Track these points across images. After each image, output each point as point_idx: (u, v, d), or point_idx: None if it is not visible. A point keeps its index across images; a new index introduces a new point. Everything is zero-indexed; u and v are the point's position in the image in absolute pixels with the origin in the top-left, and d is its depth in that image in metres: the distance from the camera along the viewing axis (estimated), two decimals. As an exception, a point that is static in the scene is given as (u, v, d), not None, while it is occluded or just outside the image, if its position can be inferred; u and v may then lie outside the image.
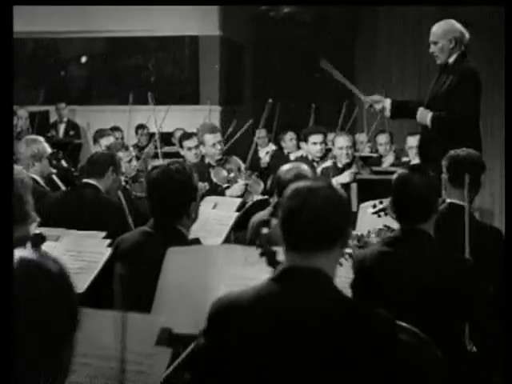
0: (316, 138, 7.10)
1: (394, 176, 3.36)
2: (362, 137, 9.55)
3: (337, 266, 2.42)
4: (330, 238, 2.36)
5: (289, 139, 9.25)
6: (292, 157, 8.90)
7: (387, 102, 5.85)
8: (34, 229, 2.93)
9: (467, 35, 5.63)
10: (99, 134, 7.09)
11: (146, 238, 3.73)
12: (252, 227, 4.70)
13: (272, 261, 2.44)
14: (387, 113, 5.87)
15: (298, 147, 8.97)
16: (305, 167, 4.66)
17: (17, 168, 2.85)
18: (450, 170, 4.18)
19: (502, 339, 3.06)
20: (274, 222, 2.45)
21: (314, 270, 2.34)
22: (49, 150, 5.29)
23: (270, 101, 7.18)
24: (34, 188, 3.47)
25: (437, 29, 5.64)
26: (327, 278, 2.35)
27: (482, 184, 4.19)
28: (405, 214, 3.29)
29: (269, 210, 4.79)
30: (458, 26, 5.68)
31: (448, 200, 4.14)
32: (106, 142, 6.67)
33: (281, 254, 2.44)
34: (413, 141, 7.77)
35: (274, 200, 4.80)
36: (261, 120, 7.31)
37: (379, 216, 4.18)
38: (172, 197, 3.67)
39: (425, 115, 5.58)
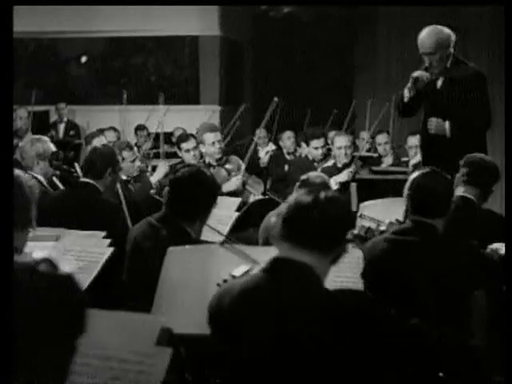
0: (317, 142, 7.12)
1: (416, 174, 3.64)
2: (364, 135, 9.56)
3: (327, 273, 2.45)
4: (327, 244, 2.42)
5: (287, 138, 9.25)
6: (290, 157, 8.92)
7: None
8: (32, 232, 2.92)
9: (454, 36, 5.56)
10: (90, 136, 7.08)
11: (150, 230, 3.76)
12: (262, 228, 4.69)
13: None
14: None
15: (298, 145, 8.98)
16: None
17: (25, 176, 2.83)
18: (466, 170, 4.41)
19: (504, 337, 3.09)
20: (273, 219, 2.48)
21: (304, 265, 2.38)
22: (54, 149, 5.27)
23: (276, 99, 7.13)
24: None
25: (429, 39, 5.48)
26: (315, 275, 2.39)
27: (492, 192, 4.46)
28: (421, 209, 3.52)
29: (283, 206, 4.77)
30: (446, 30, 5.57)
31: (460, 194, 4.32)
32: (98, 142, 6.62)
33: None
34: (414, 140, 7.77)
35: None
36: (264, 118, 7.26)
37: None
38: (196, 200, 3.70)
39: (441, 125, 5.46)
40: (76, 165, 5.56)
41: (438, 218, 3.51)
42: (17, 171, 2.81)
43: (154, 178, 6.18)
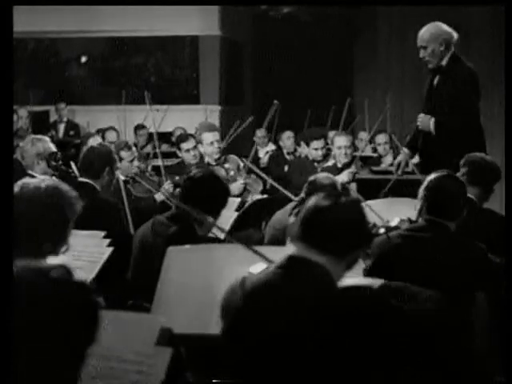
0: (317, 144, 7.10)
1: (433, 175, 3.71)
2: (364, 135, 9.56)
3: (341, 277, 2.46)
4: (344, 248, 2.43)
5: (286, 138, 9.25)
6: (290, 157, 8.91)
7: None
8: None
9: (455, 35, 5.57)
10: (86, 136, 7.11)
11: (160, 229, 3.80)
12: (270, 226, 4.69)
13: None
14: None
15: (298, 145, 8.97)
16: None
17: (69, 190, 2.72)
18: (466, 169, 4.48)
19: (504, 338, 3.09)
20: (292, 219, 2.50)
21: (319, 265, 2.39)
22: (54, 149, 5.26)
23: (276, 102, 7.13)
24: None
25: (424, 33, 5.55)
26: (329, 275, 2.39)
27: (493, 191, 4.52)
28: (435, 209, 3.61)
29: (291, 205, 4.77)
30: (445, 27, 5.60)
31: None
32: (93, 142, 6.61)
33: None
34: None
35: (300, 196, 4.80)
36: (264, 121, 7.26)
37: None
38: (208, 201, 3.80)
39: (427, 121, 5.52)
40: (72, 164, 5.54)
41: (451, 221, 3.60)
42: (57, 182, 2.72)
43: (159, 197, 6.09)
